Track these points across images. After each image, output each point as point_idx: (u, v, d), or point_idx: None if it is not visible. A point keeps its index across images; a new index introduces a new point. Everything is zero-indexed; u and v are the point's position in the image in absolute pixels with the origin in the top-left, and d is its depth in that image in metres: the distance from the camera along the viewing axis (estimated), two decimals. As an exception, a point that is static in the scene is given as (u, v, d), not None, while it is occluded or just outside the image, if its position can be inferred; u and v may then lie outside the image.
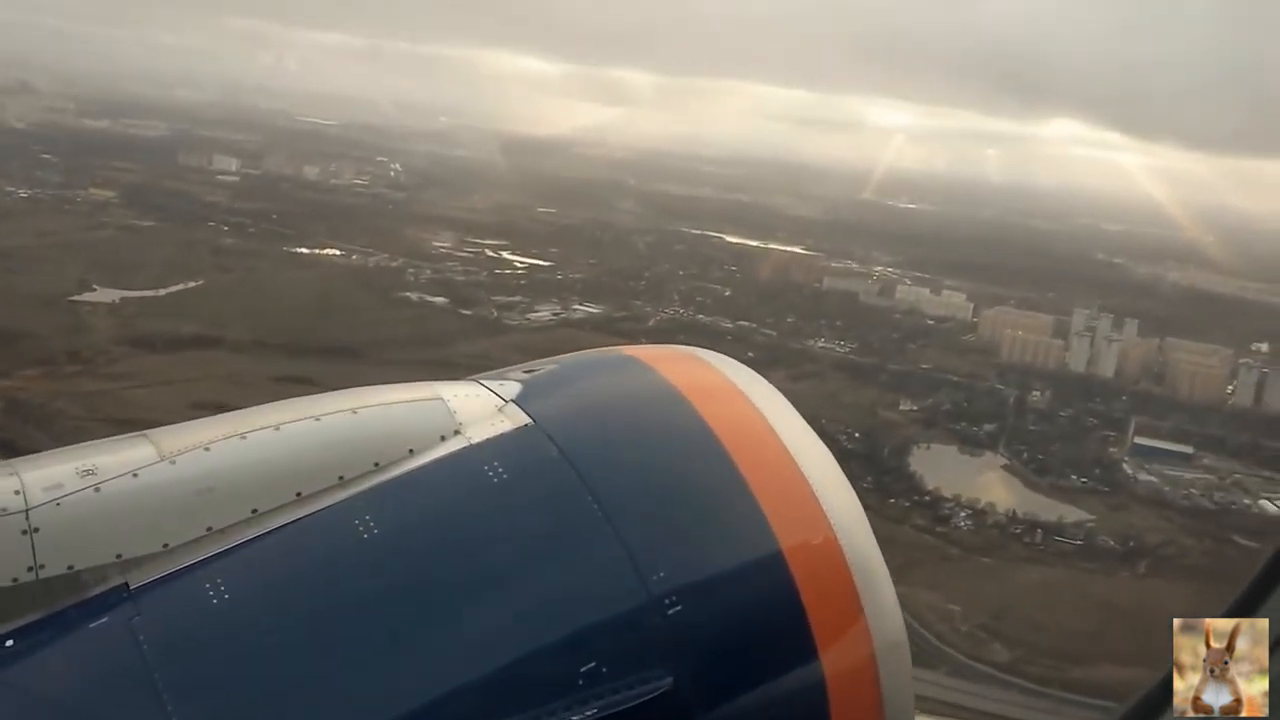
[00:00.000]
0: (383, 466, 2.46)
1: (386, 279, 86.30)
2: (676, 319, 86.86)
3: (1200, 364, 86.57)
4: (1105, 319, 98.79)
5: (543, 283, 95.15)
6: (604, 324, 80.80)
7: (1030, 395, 76.48)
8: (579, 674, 2.19)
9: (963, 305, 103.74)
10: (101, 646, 2.07)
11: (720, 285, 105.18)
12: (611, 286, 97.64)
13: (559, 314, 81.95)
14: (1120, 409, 77.02)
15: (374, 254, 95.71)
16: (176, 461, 2.34)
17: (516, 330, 76.26)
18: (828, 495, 2.55)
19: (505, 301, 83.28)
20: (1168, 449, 66.54)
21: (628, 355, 3.06)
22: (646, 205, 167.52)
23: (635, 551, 2.34)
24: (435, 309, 78.79)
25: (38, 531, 2.13)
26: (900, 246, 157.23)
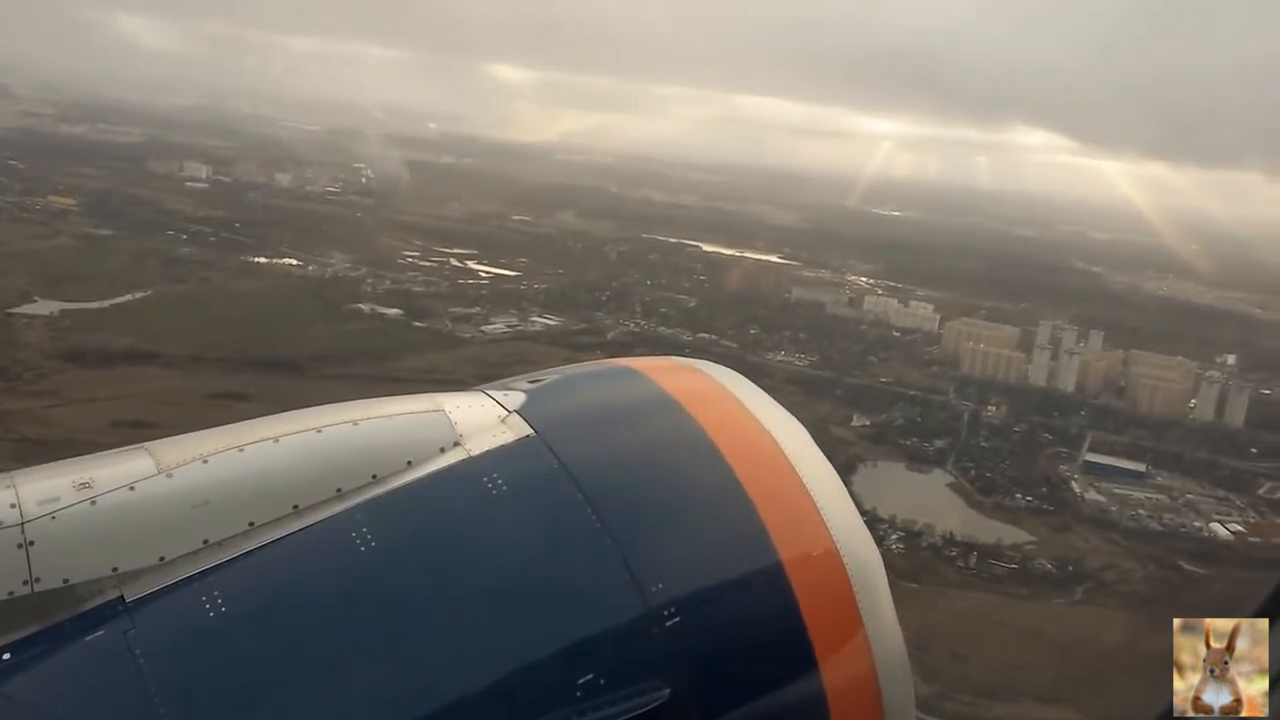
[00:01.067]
0: (381, 479, 2.40)
1: (342, 290, 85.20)
2: (637, 331, 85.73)
3: (1162, 377, 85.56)
4: (1070, 331, 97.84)
5: (505, 293, 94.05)
6: (561, 337, 79.70)
7: (986, 410, 75.35)
8: (577, 685, 2.17)
9: (929, 317, 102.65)
10: (97, 660, 2.04)
11: (687, 296, 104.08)
12: (575, 297, 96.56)
13: (515, 326, 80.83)
14: (1077, 424, 75.96)
15: (334, 263, 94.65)
16: (173, 474, 2.29)
17: (470, 343, 75.10)
18: (828, 507, 2.53)
19: (462, 313, 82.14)
20: (1120, 466, 65.42)
21: (630, 367, 3.02)
22: (626, 213, 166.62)
23: (634, 563, 2.31)
24: (388, 321, 77.66)
25: (33, 545, 2.09)
26: (879, 255, 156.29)
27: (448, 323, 79.23)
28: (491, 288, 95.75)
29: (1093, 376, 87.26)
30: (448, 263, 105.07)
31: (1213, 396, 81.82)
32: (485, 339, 76.40)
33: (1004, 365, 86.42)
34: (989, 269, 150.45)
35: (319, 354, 66.57)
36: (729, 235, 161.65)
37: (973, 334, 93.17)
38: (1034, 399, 79.88)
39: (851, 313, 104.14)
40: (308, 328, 72.07)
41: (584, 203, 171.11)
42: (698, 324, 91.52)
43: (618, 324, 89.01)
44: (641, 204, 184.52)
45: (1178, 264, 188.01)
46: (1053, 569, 50.88)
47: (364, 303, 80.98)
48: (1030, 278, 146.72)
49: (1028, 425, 73.55)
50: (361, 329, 74.62)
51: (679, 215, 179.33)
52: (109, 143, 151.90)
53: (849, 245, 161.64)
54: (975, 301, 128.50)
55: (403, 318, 78.72)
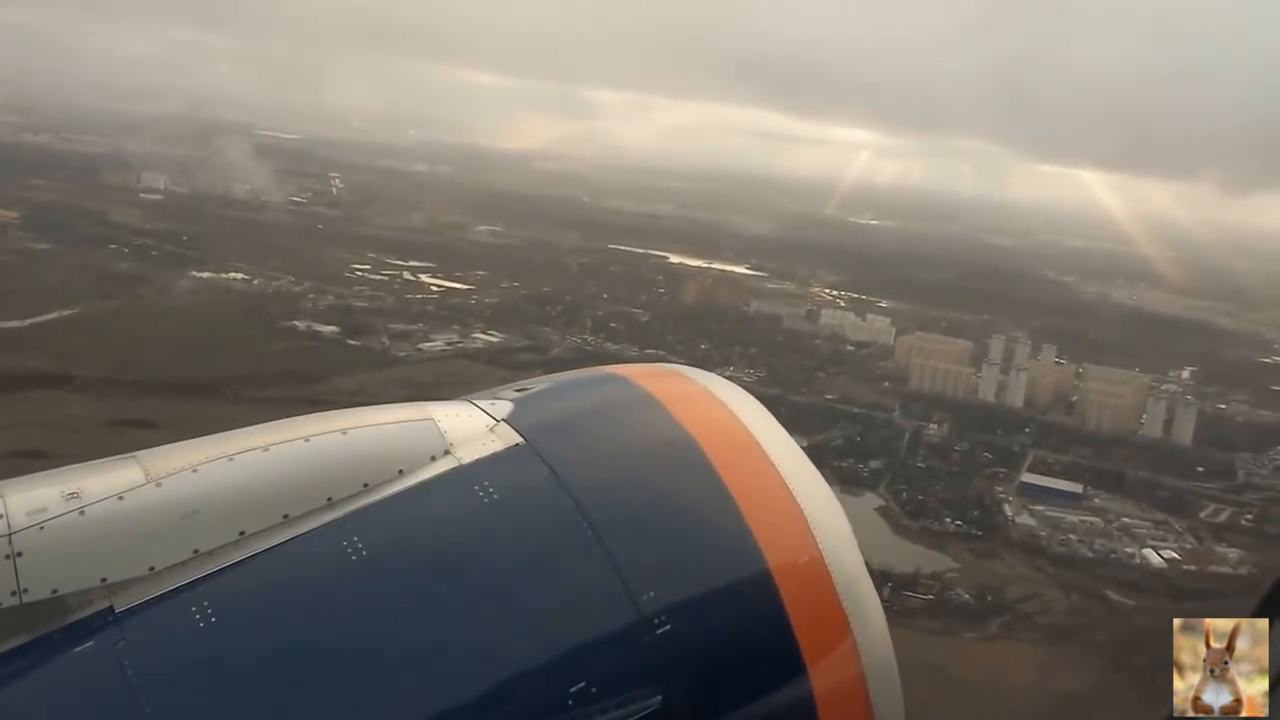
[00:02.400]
0: (372, 487, 2.38)
1: (281, 305, 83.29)
2: (582, 348, 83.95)
3: (1112, 393, 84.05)
4: (1024, 345, 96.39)
5: (453, 308, 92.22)
6: (501, 355, 77.89)
7: (929, 428, 73.70)
8: (569, 694, 2.17)
9: (885, 330, 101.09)
10: (86, 671, 2.03)
11: (642, 310, 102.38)
12: (526, 312, 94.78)
13: (455, 344, 78.96)
14: (1021, 442, 74.33)
15: (280, 278, 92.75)
16: (163, 484, 2.27)
17: (403, 363, 73.25)
18: (815, 514, 2.53)
19: (401, 330, 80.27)
20: (1056, 488, 63.71)
21: (618, 374, 2.99)
22: (595, 223, 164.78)
23: (625, 571, 2.32)
24: (321, 339, 75.75)
25: (21, 556, 2.07)
26: (849, 265, 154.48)
27: (384, 340, 77.39)
28: (440, 302, 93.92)
29: (1043, 392, 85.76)
30: (399, 276, 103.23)
31: (1160, 413, 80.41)
32: (421, 358, 74.53)
33: (953, 381, 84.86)
34: (958, 279, 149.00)
35: (241, 375, 64.64)
36: (698, 246, 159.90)
37: (924, 349, 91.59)
38: (980, 416, 78.30)
39: (807, 326, 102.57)
40: (235, 347, 70.17)
41: (554, 212, 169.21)
42: (648, 339, 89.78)
43: (564, 339, 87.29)
44: (613, 214, 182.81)
45: (1149, 272, 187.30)
46: (970, 600, 49.02)
47: (301, 320, 79.07)
48: (999, 288, 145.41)
49: (969, 444, 71.91)
50: (292, 348, 72.70)
51: (650, 225, 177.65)
52: (70, 152, 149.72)
53: (820, 255, 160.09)
54: (939, 313, 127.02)
55: (338, 335, 76.82)
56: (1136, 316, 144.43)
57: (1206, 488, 70.98)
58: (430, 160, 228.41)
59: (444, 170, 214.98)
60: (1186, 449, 77.76)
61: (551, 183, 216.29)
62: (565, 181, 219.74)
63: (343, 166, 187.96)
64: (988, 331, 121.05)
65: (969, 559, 52.40)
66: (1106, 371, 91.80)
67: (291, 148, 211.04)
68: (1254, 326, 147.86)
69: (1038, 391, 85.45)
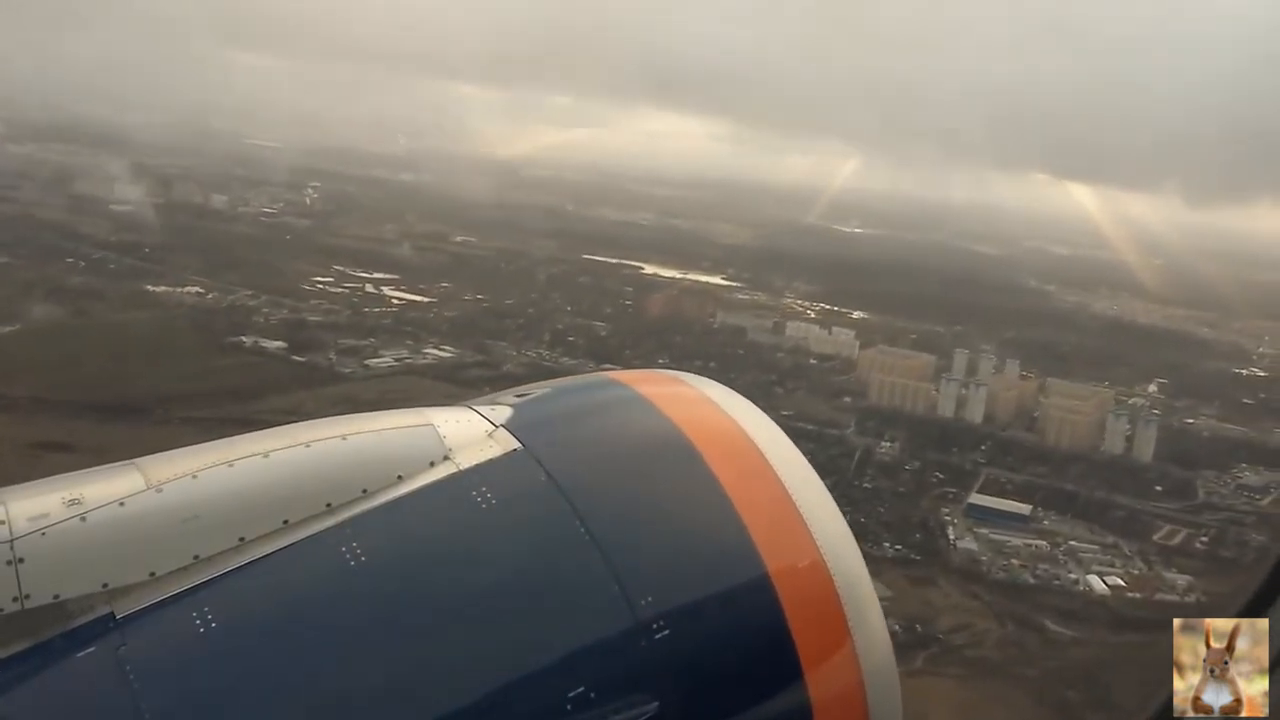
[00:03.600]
0: (371, 493, 2.39)
1: (232, 320, 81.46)
2: (536, 363, 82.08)
3: (1074, 408, 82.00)
4: (988, 359, 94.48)
5: (410, 322, 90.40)
6: (451, 371, 75.98)
7: (881, 446, 71.68)
8: (567, 699, 2.17)
9: (850, 344, 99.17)
10: (88, 676, 2.05)
11: (604, 322, 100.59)
12: (484, 325, 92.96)
13: (405, 359, 77.05)
14: (975, 460, 72.25)
15: (236, 291, 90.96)
16: (163, 490, 2.27)
17: (348, 380, 71.37)
18: (815, 519, 2.52)
19: (351, 346, 78.39)
20: (1004, 509, 61.62)
21: (616, 379, 2.98)
22: (574, 232, 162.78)
23: (623, 576, 2.31)
24: (266, 356, 73.89)
25: (23, 562, 2.08)
26: (826, 275, 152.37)
27: (331, 356, 75.50)
28: (398, 316, 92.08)
29: (1004, 407, 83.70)
30: (361, 289, 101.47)
31: (1121, 429, 78.33)
32: (366, 375, 72.61)
33: (912, 396, 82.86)
34: (937, 289, 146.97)
35: (175, 394, 62.81)
36: (676, 255, 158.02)
37: (886, 363, 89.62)
38: (936, 433, 76.22)
39: (771, 339, 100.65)
40: (175, 365, 68.35)
41: (534, 221, 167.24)
42: (606, 354, 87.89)
43: (519, 354, 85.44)
44: (593, 222, 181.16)
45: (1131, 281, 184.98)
46: (898, 631, 47.04)
47: (249, 335, 77.17)
48: (976, 298, 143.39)
49: (921, 463, 69.84)
50: (234, 364, 70.88)
51: (629, 234, 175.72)
52: (50, 162, 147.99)
53: (798, 265, 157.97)
54: (911, 324, 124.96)
55: (283, 352, 74.90)
56: (1115, 327, 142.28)
57: (1163, 508, 68.86)
58: (417, 169, 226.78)
59: (429, 179, 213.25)
60: (1147, 466, 75.67)
61: (538, 191, 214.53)
62: (551, 189, 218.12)
63: (325, 175, 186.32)
64: (959, 343, 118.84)
65: (903, 586, 50.29)
66: (1071, 386, 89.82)
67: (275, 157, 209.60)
68: (1234, 337, 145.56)
69: (999, 407, 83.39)
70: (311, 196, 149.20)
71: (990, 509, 61.62)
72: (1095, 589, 53.79)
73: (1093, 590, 53.74)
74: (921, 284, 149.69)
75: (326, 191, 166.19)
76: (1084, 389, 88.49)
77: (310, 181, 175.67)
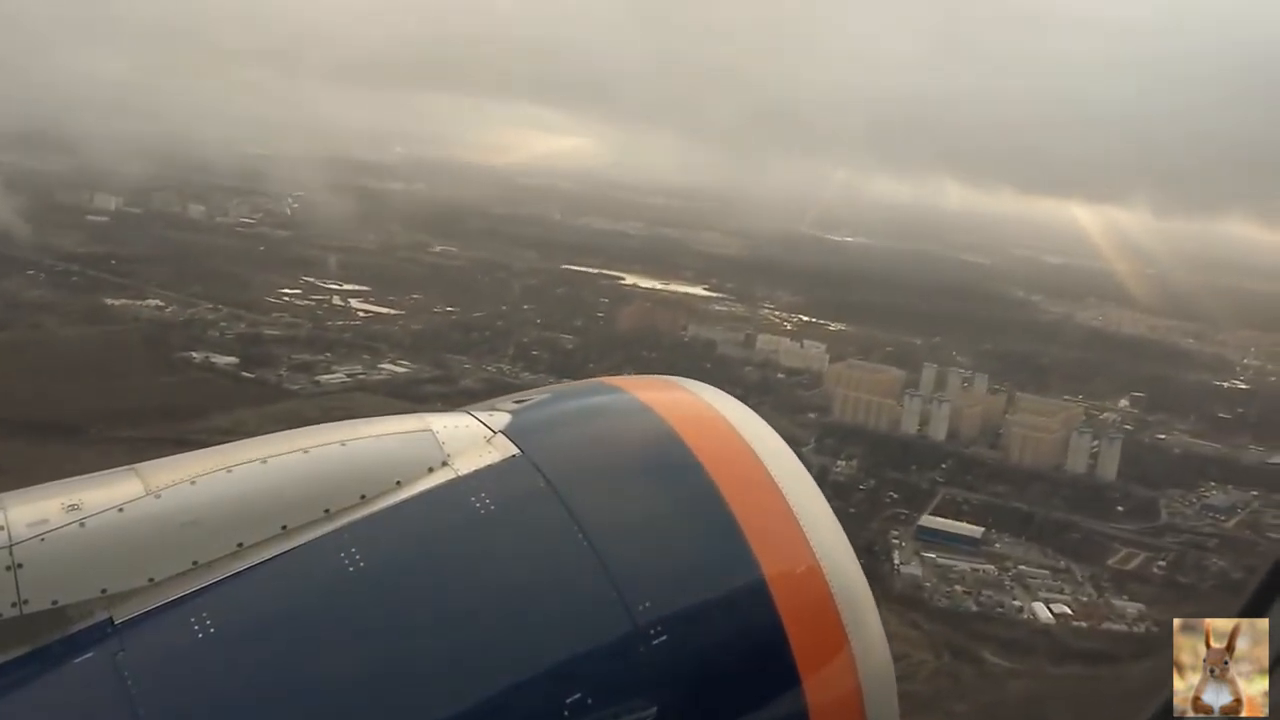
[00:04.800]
0: (369, 499, 2.36)
1: (187, 335, 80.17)
2: (495, 379, 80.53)
3: (1039, 425, 79.98)
4: (956, 373, 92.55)
5: (371, 335, 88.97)
6: (404, 387, 74.42)
7: (838, 465, 69.87)
8: (565, 705, 2.15)
9: (820, 357, 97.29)
10: (86, 682, 2.03)
11: (573, 335, 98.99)
12: (448, 339, 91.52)
13: (358, 375, 75.63)
14: (933, 479, 70.44)
15: (198, 304, 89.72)
16: (162, 496, 2.26)
17: (294, 397, 69.91)
18: (812, 525, 2.48)
19: (304, 361, 76.98)
20: (955, 532, 59.69)
21: (616, 385, 2.94)
22: (557, 241, 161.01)
23: (621, 582, 2.28)
24: (215, 372, 72.53)
25: (21, 567, 2.07)
26: (809, 285, 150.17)
27: (282, 372, 74.10)
28: (360, 329, 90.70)
29: (969, 424, 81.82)
30: (328, 301, 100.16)
31: (1085, 447, 76.37)
32: (314, 392, 71.14)
33: (875, 412, 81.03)
34: (920, 300, 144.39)
35: (113, 413, 61.43)
36: (659, 265, 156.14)
37: (853, 378, 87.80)
38: (896, 451, 74.43)
39: (741, 353, 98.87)
40: (119, 381, 67.00)
41: (518, 230, 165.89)
42: (570, 368, 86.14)
43: (479, 369, 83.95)
44: (579, 231, 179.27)
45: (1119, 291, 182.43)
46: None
47: (202, 350, 75.84)
48: (959, 309, 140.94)
49: (877, 481, 68.06)
50: (180, 381, 69.54)
51: (615, 244, 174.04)
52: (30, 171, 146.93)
53: (783, 275, 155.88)
54: (890, 336, 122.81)
55: (234, 368, 73.56)
56: (1098, 338, 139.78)
57: (1123, 529, 66.97)
58: (408, 178, 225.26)
59: (419, 188, 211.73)
60: (1110, 485, 73.82)
61: (528, 199, 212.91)
62: (542, 198, 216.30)
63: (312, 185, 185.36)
64: (936, 356, 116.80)
65: (839, 616, 48.42)
66: (1040, 401, 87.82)
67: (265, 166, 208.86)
68: (1218, 348, 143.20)
69: (964, 423, 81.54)
70: (292, 206, 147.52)
71: (941, 531, 59.74)
72: (1040, 617, 51.82)
73: (1037, 618, 51.77)
74: (905, 294, 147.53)
75: (310, 201, 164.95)
76: (1053, 404, 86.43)
77: (295, 191, 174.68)
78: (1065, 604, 53.39)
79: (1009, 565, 57.69)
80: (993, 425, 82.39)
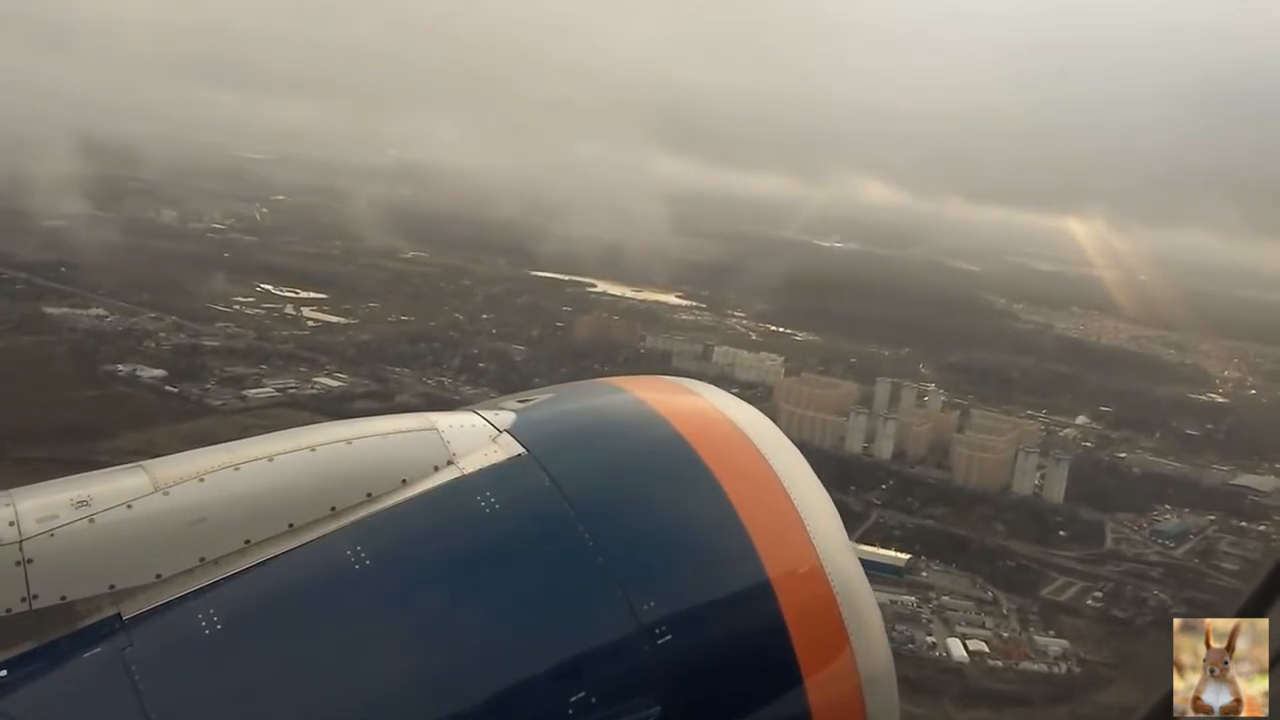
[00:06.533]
0: (376, 497, 2.38)
1: (120, 346, 78.17)
2: (434, 392, 78.33)
3: (987, 445, 77.03)
4: (910, 389, 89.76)
5: (316, 346, 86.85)
6: (334, 402, 71.98)
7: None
8: (569, 703, 2.16)
9: (775, 370, 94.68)
10: (94, 677, 2.05)
11: (525, 346, 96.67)
12: (394, 350, 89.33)
13: (289, 389, 73.44)
14: (870, 502, 67.70)
15: (142, 313, 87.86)
16: (170, 492, 2.27)
17: (214, 413, 67.68)
18: (816, 524, 2.50)
19: (236, 374, 74.86)
20: (878, 560, 56.78)
21: (621, 385, 2.95)
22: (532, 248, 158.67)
23: (625, 581, 2.30)
24: (138, 386, 70.46)
25: (31, 563, 2.09)
26: (785, 293, 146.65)
27: (209, 386, 71.99)
28: (305, 340, 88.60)
29: (917, 442, 79.06)
30: (280, 310, 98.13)
31: (1031, 468, 73.52)
32: (239, 407, 68.98)
33: (820, 429, 78.29)
34: (896, 308, 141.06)
35: (19, 431, 59.23)
36: (634, 272, 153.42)
37: (802, 393, 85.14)
38: (835, 471, 71.60)
39: (697, 366, 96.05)
40: (35, 397, 64.93)
41: (492, 237, 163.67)
42: (514, 381, 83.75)
43: (419, 382, 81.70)
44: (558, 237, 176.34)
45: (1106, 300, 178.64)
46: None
47: (129, 363, 73.81)
48: (934, 318, 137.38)
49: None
50: (99, 396, 67.52)
51: (593, 249, 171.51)
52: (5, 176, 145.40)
53: (760, 282, 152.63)
54: (856, 347, 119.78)
55: (158, 381, 71.48)
56: (1074, 349, 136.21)
57: (1063, 556, 64.12)
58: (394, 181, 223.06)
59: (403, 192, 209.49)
60: (1056, 509, 70.97)
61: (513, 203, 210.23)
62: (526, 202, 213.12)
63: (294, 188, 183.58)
64: (902, 368, 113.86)
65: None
66: (994, 418, 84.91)
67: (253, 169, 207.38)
68: (1199, 359, 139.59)
69: (913, 441, 78.80)
70: (262, 212, 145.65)
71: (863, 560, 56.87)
72: (953, 654, 49.08)
73: (950, 656, 49.06)
74: (884, 302, 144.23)
75: (288, 205, 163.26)
76: (1007, 422, 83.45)
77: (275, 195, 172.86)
78: (984, 640, 50.66)
79: (931, 597, 55.04)
80: (943, 444, 79.52)
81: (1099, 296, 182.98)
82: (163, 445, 60.16)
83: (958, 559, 59.97)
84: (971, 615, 53.27)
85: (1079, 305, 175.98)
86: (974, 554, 61.46)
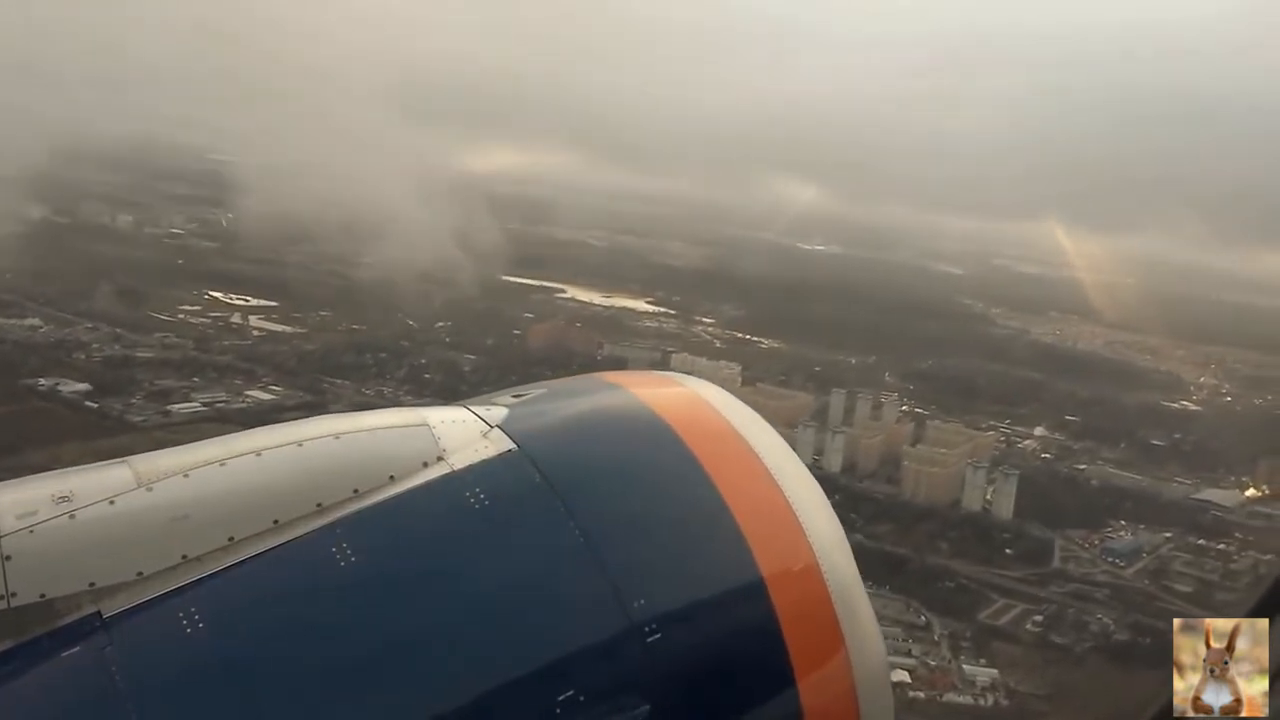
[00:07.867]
0: (362, 493, 2.33)
1: (47, 358, 76.01)
2: (372, 403, 75.98)
3: (936, 459, 74.79)
4: (865, 399, 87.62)
5: (256, 356, 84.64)
6: (262, 417, 69.30)
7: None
8: (557, 702, 2.13)
9: (732, 379, 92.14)
10: (73, 676, 2.02)
11: (477, 355, 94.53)
12: (337, 360, 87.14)
13: (218, 403, 71.22)
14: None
15: (78, 323, 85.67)
16: (154, 488, 2.22)
17: (133, 430, 65.39)
18: (810, 521, 2.47)
19: (165, 388, 72.66)
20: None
21: (613, 380, 2.93)
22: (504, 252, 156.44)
23: (617, 578, 2.27)
24: (56, 401, 68.23)
25: (9, 559, 2.04)
26: (758, 299, 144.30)
27: (133, 401, 69.79)
28: (245, 350, 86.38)
29: (868, 456, 76.89)
30: (225, 319, 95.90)
31: (980, 482, 71.34)
32: (159, 423, 66.67)
33: (767, 444, 76.10)
34: (871, 313, 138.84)
35: (-81, 449, 57.05)
36: (608, 278, 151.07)
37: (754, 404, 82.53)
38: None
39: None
40: (-55, 412, 62.89)
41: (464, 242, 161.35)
42: (461, 391, 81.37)
43: (357, 394, 79.47)
44: (533, 241, 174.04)
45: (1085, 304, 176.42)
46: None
47: (52, 376, 71.61)
48: (907, 323, 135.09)
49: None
50: (12, 412, 65.19)
51: (568, 254, 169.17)
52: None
53: (735, 287, 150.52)
54: (822, 355, 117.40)
55: (80, 396, 69.28)
56: (1047, 355, 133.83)
57: (1005, 577, 61.95)
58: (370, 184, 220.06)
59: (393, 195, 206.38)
60: (1004, 525, 68.79)
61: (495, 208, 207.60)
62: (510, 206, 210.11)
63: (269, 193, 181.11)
64: (867, 377, 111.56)
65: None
66: (949, 430, 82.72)
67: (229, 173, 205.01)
68: (1174, 365, 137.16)
69: (864, 454, 76.63)
70: (228, 217, 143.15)
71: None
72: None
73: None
74: (859, 307, 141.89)
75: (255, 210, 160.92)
76: (963, 434, 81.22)
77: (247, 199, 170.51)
78: (908, 669, 48.45)
79: (860, 623, 52.81)
80: (894, 457, 77.33)
81: (1078, 301, 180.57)
82: (67, 465, 58.20)
83: (892, 580, 57.65)
84: (898, 643, 50.98)
85: (1057, 310, 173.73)
86: (911, 574, 59.24)
